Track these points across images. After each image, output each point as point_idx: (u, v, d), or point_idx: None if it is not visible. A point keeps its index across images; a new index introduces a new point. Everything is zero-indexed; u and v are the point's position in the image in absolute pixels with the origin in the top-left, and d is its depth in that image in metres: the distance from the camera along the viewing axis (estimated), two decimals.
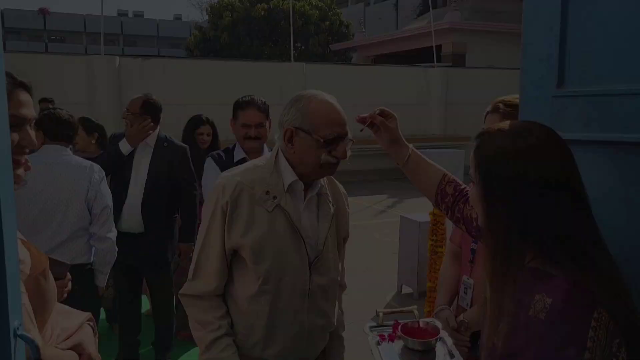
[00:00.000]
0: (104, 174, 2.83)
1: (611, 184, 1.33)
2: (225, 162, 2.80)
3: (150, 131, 3.24)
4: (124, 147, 3.21)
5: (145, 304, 4.07)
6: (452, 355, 1.56)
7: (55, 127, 2.77)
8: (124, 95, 11.63)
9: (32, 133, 1.23)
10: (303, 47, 23.17)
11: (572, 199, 1.06)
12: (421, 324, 1.66)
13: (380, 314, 1.73)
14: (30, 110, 1.23)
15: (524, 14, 1.48)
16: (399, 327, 1.63)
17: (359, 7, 29.44)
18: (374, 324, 1.72)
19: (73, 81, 11.52)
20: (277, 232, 1.61)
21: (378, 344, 1.60)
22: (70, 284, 1.90)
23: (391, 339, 1.63)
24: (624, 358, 0.97)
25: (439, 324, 1.68)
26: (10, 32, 41.99)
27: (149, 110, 3.22)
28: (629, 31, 1.27)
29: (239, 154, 2.87)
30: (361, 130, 1.64)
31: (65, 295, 1.88)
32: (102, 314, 4.06)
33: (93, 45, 38.93)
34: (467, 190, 1.52)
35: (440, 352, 1.58)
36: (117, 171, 3.27)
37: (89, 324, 1.42)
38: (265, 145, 2.89)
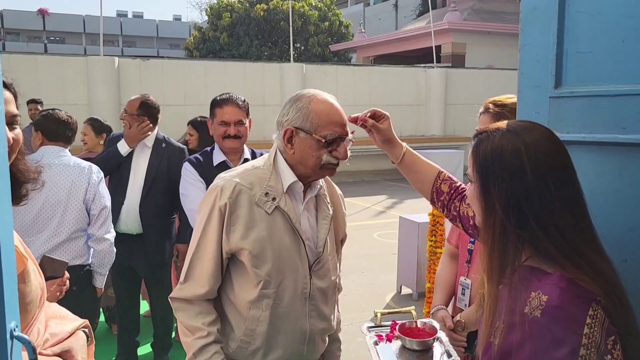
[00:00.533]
0: (102, 175, 2.83)
1: (609, 184, 1.33)
2: (204, 166, 2.65)
3: (149, 132, 3.24)
4: (123, 148, 3.21)
5: (144, 306, 4.07)
6: (449, 355, 1.57)
7: (54, 128, 2.77)
8: (123, 96, 11.66)
9: (6, 130, 1.15)
10: (302, 48, 23.19)
11: (568, 198, 1.07)
12: (419, 324, 1.66)
13: (378, 315, 1.73)
14: (10, 107, 1.17)
15: (521, 15, 1.48)
16: (397, 327, 1.63)
17: (359, 8, 29.48)
18: (372, 324, 1.72)
19: (72, 82, 11.55)
20: (277, 234, 1.57)
21: (376, 344, 1.60)
22: (68, 282, 1.90)
23: (389, 339, 1.63)
24: (619, 355, 0.98)
25: (436, 324, 1.68)
26: (9, 32, 42.00)
27: (147, 111, 3.23)
28: (625, 32, 1.27)
29: (218, 156, 2.69)
30: (352, 133, 1.62)
31: (63, 293, 1.88)
32: (101, 317, 4.07)
33: (92, 46, 38.97)
34: (463, 188, 1.53)
35: (438, 351, 1.58)
36: (115, 172, 3.27)
37: (83, 331, 1.40)
38: (245, 146, 2.75)
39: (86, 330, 1.41)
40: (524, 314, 1.04)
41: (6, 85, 1.19)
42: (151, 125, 3.23)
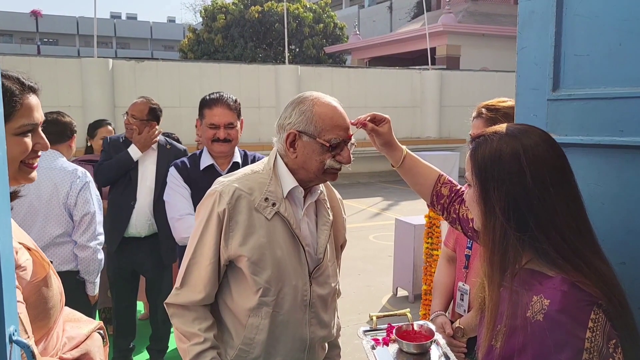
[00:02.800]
0: (89, 179, 2.73)
1: (607, 187, 1.33)
2: (190, 171, 2.54)
3: (158, 136, 3.28)
4: (135, 153, 3.21)
5: (140, 309, 4.04)
6: (447, 357, 1.57)
7: (44, 130, 2.72)
8: (117, 97, 11.63)
9: (43, 136, 1.22)
10: (297, 50, 23.19)
11: (567, 201, 1.07)
12: (415, 327, 1.66)
13: (374, 318, 1.72)
14: (40, 112, 1.22)
15: (518, 18, 1.48)
16: (394, 331, 1.63)
17: (353, 10, 29.56)
18: (368, 327, 1.71)
19: (66, 84, 11.49)
20: (276, 240, 1.54)
21: (373, 348, 1.60)
22: None
23: (385, 342, 1.63)
24: (620, 358, 0.98)
25: (432, 327, 1.68)
26: (2, 34, 41.80)
27: (154, 115, 3.26)
28: (623, 35, 1.28)
29: (206, 160, 2.56)
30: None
31: None
32: (97, 319, 4.03)
33: (86, 48, 38.83)
34: (463, 191, 1.53)
35: (435, 354, 1.58)
36: (122, 176, 3.27)
37: (98, 332, 1.41)
38: (237, 149, 2.63)
39: (101, 331, 1.41)
40: (526, 317, 1.04)
41: (34, 90, 1.22)
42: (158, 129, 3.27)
